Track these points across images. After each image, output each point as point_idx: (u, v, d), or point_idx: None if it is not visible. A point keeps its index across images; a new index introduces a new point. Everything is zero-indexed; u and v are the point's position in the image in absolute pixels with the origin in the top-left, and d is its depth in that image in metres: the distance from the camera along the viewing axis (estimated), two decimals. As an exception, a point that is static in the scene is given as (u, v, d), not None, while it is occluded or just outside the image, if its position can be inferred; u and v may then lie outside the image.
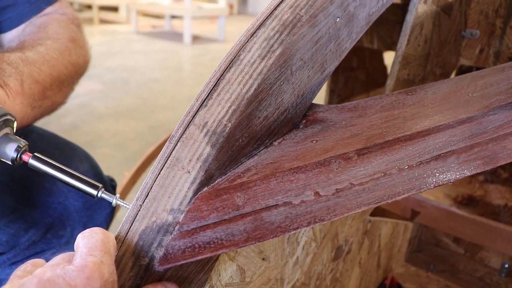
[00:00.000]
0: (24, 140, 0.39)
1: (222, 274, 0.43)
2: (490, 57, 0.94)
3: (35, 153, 0.38)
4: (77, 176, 0.37)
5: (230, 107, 0.34)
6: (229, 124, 0.33)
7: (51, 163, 0.38)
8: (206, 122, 0.33)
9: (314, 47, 0.40)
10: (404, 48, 0.64)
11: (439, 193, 1.49)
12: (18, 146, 0.38)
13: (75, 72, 0.65)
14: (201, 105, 0.34)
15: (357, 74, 1.29)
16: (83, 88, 3.13)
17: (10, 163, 0.39)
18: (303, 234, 0.55)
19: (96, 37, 5.23)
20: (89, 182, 0.37)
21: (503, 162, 0.42)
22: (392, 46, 1.06)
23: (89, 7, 7.33)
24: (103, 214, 0.73)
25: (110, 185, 0.80)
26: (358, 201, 0.36)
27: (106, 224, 0.74)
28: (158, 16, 7.21)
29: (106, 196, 0.36)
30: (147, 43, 5.20)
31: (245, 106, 0.34)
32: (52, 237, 0.68)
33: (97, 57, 4.22)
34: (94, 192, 0.37)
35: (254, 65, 0.35)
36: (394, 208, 1.13)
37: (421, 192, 0.38)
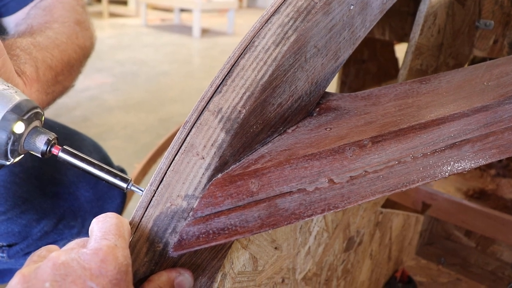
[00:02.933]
0: (53, 133, 0.40)
1: (235, 262, 0.43)
2: (505, 48, 0.93)
3: (64, 146, 0.38)
4: (106, 168, 0.38)
5: (244, 93, 0.33)
6: (244, 111, 0.33)
7: (80, 156, 0.38)
8: (221, 108, 0.33)
9: (328, 35, 0.40)
10: (417, 38, 0.64)
11: (450, 187, 1.48)
12: (48, 139, 0.38)
13: (83, 55, 0.65)
14: (216, 91, 0.34)
15: (368, 66, 1.28)
16: (93, 81, 3.14)
17: (40, 155, 0.39)
18: (315, 224, 0.55)
19: (105, 31, 5.24)
20: (119, 175, 0.37)
21: (518, 152, 0.41)
22: (404, 38, 1.05)
23: (98, 0, 7.34)
24: (114, 205, 0.74)
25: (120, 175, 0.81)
26: (373, 189, 0.36)
27: (117, 213, 0.75)
28: (167, 10, 7.20)
29: (135, 189, 0.36)
30: (156, 36, 5.20)
31: (260, 92, 0.34)
32: (64, 227, 0.69)
33: (107, 50, 4.23)
34: (124, 185, 0.37)
35: (268, 51, 0.35)
36: (405, 201, 1.12)
37: (435, 180, 0.38)
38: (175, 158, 0.32)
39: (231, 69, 0.34)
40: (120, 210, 0.75)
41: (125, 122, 2.42)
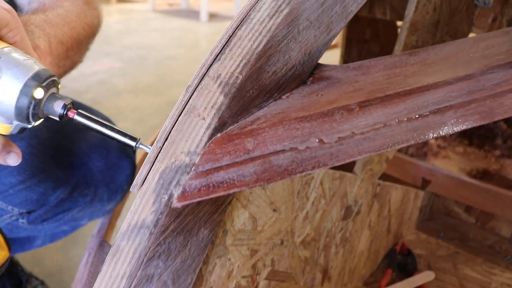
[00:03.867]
0: (69, 98, 0.44)
1: (235, 220, 0.47)
2: (503, 26, 0.95)
3: (79, 110, 0.43)
4: (117, 129, 0.42)
5: (241, 61, 0.37)
6: (240, 76, 0.36)
7: (94, 118, 0.42)
8: (220, 74, 0.36)
9: (320, 9, 0.43)
10: (412, 15, 0.67)
11: (454, 167, 1.50)
12: (64, 104, 0.42)
13: (91, 32, 0.69)
14: (215, 59, 0.37)
15: (371, 46, 1.30)
16: (103, 65, 3.18)
17: (58, 119, 0.43)
18: (312, 190, 0.59)
19: (113, 16, 5.27)
20: (128, 134, 0.42)
21: (499, 117, 0.44)
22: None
23: (106, -14, 7.35)
24: (124, 175, 0.78)
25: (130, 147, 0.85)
26: (360, 149, 0.39)
27: (126, 184, 0.79)
28: (174, -6, 7.19)
29: (143, 146, 0.40)
30: (163, 21, 5.22)
31: (255, 60, 0.37)
32: (78, 195, 0.73)
33: (115, 35, 4.26)
34: (132, 143, 0.41)
35: (263, 23, 0.38)
36: (405, 177, 1.16)
37: (418, 142, 0.41)
38: (179, 119, 0.36)
39: (229, 39, 0.38)
40: (130, 180, 0.79)
41: (133, 105, 2.47)
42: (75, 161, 0.73)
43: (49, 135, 0.72)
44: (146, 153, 0.38)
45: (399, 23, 1.39)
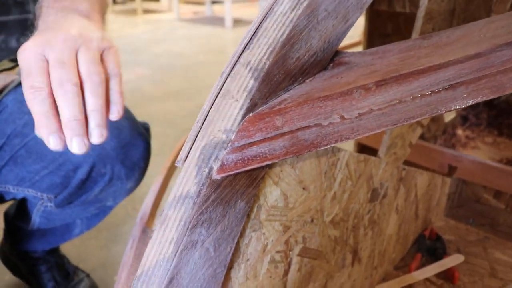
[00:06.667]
0: None
1: (268, 196, 0.52)
2: (522, 12, 0.97)
3: None
4: None
5: (268, 48, 0.42)
6: (268, 62, 0.41)
7: None
8: (249, 61, 0.41)
9: (337, 0, 0.47)
10: (427, 3, 0.70)
11: (483, 157, 1.51)
12: None
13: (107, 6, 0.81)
14: (244, 48, 0.42)
15: (393, 40, 1.33)
16: (133, 74, 3.29)
17: None
18: (339, 171, 0.63)
19: (140, 27, 5.42)
20: None
21: (510, 91, 0.48)
22: (424, 9, 1.10)
23: (132, -2, 7.53)
24: (138, 152, 0.83)
25: (143, 127, 0.90)
26: (378, 123, 0.43)
27: (143, 161, 0.84)
28: (199, 3, 7.32)
29: None
30: (189, 29, 5.33)
31: (280, 48, 0.42)
32: (97, 175, 0.79)
33: (144, 44, 4.39)
34: None
35: (286, 15, 0.43)
36: (431, 164, 1.18)
37: (432, 116, 0.45)
38: (215, 101, 0.41)
39: (256, 30, 0.43)
40: (145, 157, 0.84)
41: (165, 110, 2.55)
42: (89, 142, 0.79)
43: None
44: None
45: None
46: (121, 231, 1.53)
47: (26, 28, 0.89)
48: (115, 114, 0.53)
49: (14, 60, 0.89)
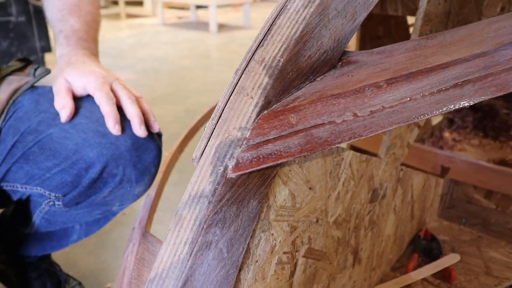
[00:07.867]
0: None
1: (277, 196, 0.51)
2: (511, 15, 0.99)
3: None
4: None
5: (282, 46, 0.42)
6: (282, 59, 0.41)
7: None
8: (264, 58, 0.41)
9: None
10: (425, 5, 0.71)
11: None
12: None
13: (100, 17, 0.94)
14: (259, 45, 0.42)
15: (384, 42, 1.35)
16: (118, 79, 3.26)
17: None
18: (342, 171, 0.63)
19: (124, 31, 5.38)
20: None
21: (515, 89, 0.48)
22: (415, 12, 1.11)
23: (115, 2, 7.49)
24: (150, 156, 0.82)
25: (156, 134, 0.89)
26: (390, 120, 0.43)
27: (153, 166, 0.83)
28: (183, 7, 7.31)
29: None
30: (174, 33, 5.32)
31: (293, 45, 0.42)
32: (108, 176, 0.78)
33: (128, 49, 4.36)
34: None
35: (298, 13, 0.43)
36: (424, 166, 1.19)
37: (441, 113, 0.46)
38: (230, 98, 0.41)
39: (270, 27, 0.43)
40: (156, 162, 0.83)
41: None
42: (104, 141, 0.77)
43: (81, 120, 0.78)
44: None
45: (409, 19, 1.43)
46: (109, 237, 1.50)
47: (7, 30, 0.94)
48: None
49: (24, 60, 0.91)
